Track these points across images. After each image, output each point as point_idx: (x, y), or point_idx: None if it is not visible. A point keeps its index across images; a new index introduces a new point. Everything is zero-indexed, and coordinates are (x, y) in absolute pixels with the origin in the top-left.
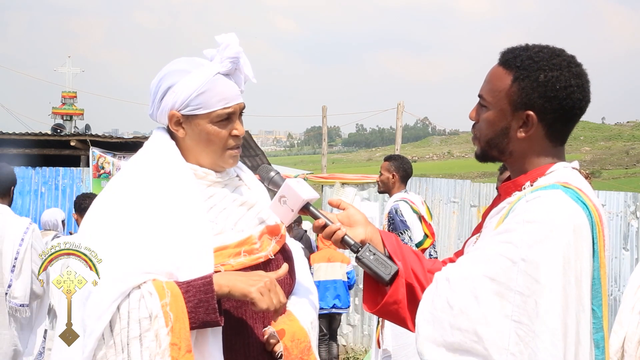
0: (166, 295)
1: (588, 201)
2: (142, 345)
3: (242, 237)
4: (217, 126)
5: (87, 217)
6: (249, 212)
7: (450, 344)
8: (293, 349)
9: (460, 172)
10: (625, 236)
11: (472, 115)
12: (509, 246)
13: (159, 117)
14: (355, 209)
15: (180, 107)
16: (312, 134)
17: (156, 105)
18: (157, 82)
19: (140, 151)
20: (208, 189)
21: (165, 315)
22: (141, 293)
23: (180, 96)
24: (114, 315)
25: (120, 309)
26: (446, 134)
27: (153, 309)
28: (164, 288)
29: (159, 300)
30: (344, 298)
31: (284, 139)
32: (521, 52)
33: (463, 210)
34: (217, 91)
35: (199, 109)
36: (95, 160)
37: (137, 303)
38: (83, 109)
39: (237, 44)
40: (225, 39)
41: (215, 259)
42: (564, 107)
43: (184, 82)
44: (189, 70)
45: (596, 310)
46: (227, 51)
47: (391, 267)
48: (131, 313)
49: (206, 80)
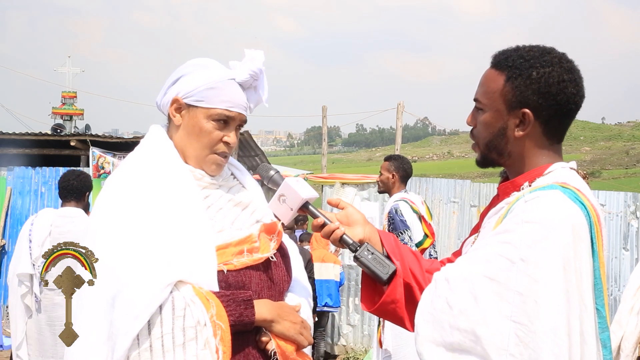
0: (211, 305)
1: (586, 201)
2: (186, 353)
3: (243, 236)
4: (212, 125)
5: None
6: (244, 212)
7: (449, 344)
8: (286, 347)
9: (460, 172)
10: (625, 236)
11: (468, 121)
12: (508, 246)
13: (163, 104)
14: (354, 208)
15: (185, 95)
16: (312, 134)
17: (164, 92)
18: (174, 72)
19: (139, 149)
20: (204, 190)
21: (214, 324)
22: (185, 301)
23: (190, 85)
24: (153, 317)
25: (163, 312)
26: (446, 134)
27: (200, 318)
28: (207, 299)
29: (205, 311)
30: (335, 297)
31: (284, 139)
32: (512, 53)
33: (463, 210)
34: (225, 92)
35: (201, 102)
36: (95, 160)
37: (182, 311)
38: (83, 109)
39: (262, 61)
40: (252, 53)
41: (218, 258)
42: (558, 102)
43: (198, 74)
44: (208, 67)
45: (600, 310)
46: (250, 63)
47: (389, 266)
48: (176, 321)
49: (219, 79)
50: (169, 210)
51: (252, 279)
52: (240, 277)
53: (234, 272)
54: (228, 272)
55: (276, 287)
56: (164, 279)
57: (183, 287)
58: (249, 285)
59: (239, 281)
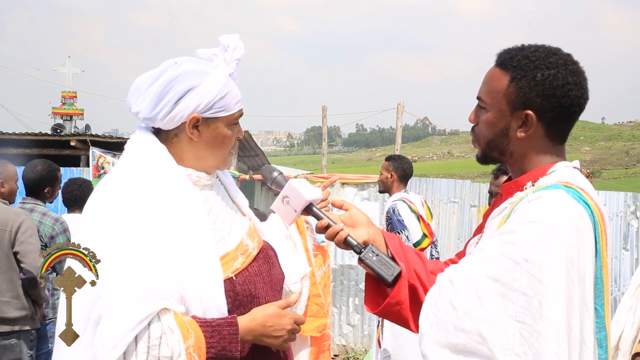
0: (190, 336)
1: (590, 200)
2: None
3: (237, 242)
4: (232, 129)
5: (86, 232)
6: (237, 213)
7: (454, 346)
8: None
9: (460, 172)
10: (625, 236)
11: (471, 118)
12: (512, 247)
13: (166, 121)
14: (358, 209)
15: (203, 110)
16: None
17: (166, 109)
18: (166, 85)
19: (128, 154)
20: (201, 192)
21: (189, 357)
22: (162, 329)
23: (205, 98)
24: (129, 346)
25: (138, 342)
26: (446, 134)
27: (175, 348)
28: (188, 329)
29: (182, 341)
30: None
31: (284, 139)
32: (517, 53)
33: (463, 210)
34: (233, 93)
35: (221, 112)
36: (95, 160)
37: (157, 340)
38: (83, 109)
39: (242, 45)
40: (231, 40)
41: (222, 268)
42: (562, 105)
43: (207, 84)
44: (207, 72)
45: (599, 310)
46: (236, 52)
47: (394, 268)
48: (151, 350)
49: (224, 81)
50: (170, 225)
51: (256, 285)
52: (247, 285)
53: (240, 280)
54: (236, 279)
55: (276, 287)
56: (145, 309)
57: (165, 316)
58: (255, 292)
59: (245, 289)
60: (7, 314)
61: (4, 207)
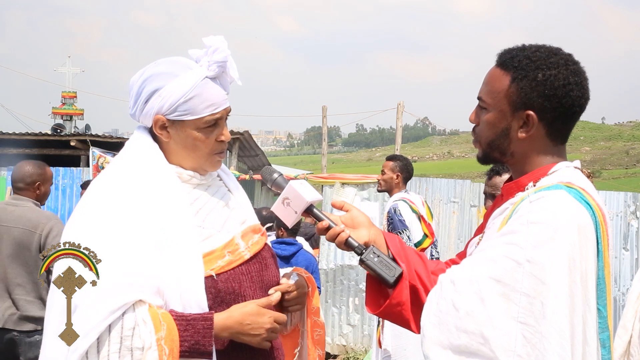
0: (162, 328)
1: (591, 201)
2: None
3: (227, 240)
4: (204, 133)
5: (70, 224)
6: (232, 213)
7: (456, 347)
8: None
9: (460, 172)
10: (625, 236)
11: (472, 118)
12: (514, 247)
13: (142, 119)
14: (358, 210)
15: (166, 112)
16: (312, 134)
17: (139, 108)
18: (141, 84)
19: (122, 153)
20: (193, 191)
21: (160, 349)
22: (135, 320)
23: (168, 101)
24: (102, 335)
25: (112, 331)
26: (446, 134)
27: (146, 340)
28: (160, 320)
29: (154, 332)
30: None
31: (284, 139)
32: (518, 53)
33: (463, 210)
34: (205, 97)
35: (186, 115)
36: (95, 160)
37: (130, 331)
38: (83, 109)
39: (226, 47)
40: (213, 41)
41: (205, 265)
42: (563, 105)
43: (172, 86)
44: (177, 74)
45: (601, 310)
46: (216, 55)
47: (395, 269)
48: (124, 340)
49: (194, 85)
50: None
51: (242, 283)
52: (230, 282)
53: (223, 278)
54: (218, 277)
55: (268, 288)
56: (119, 299)
57: (139, 307)
58: (239, 290)
59: (228, 287)
60: (32, 313)
61: (36, 210)
